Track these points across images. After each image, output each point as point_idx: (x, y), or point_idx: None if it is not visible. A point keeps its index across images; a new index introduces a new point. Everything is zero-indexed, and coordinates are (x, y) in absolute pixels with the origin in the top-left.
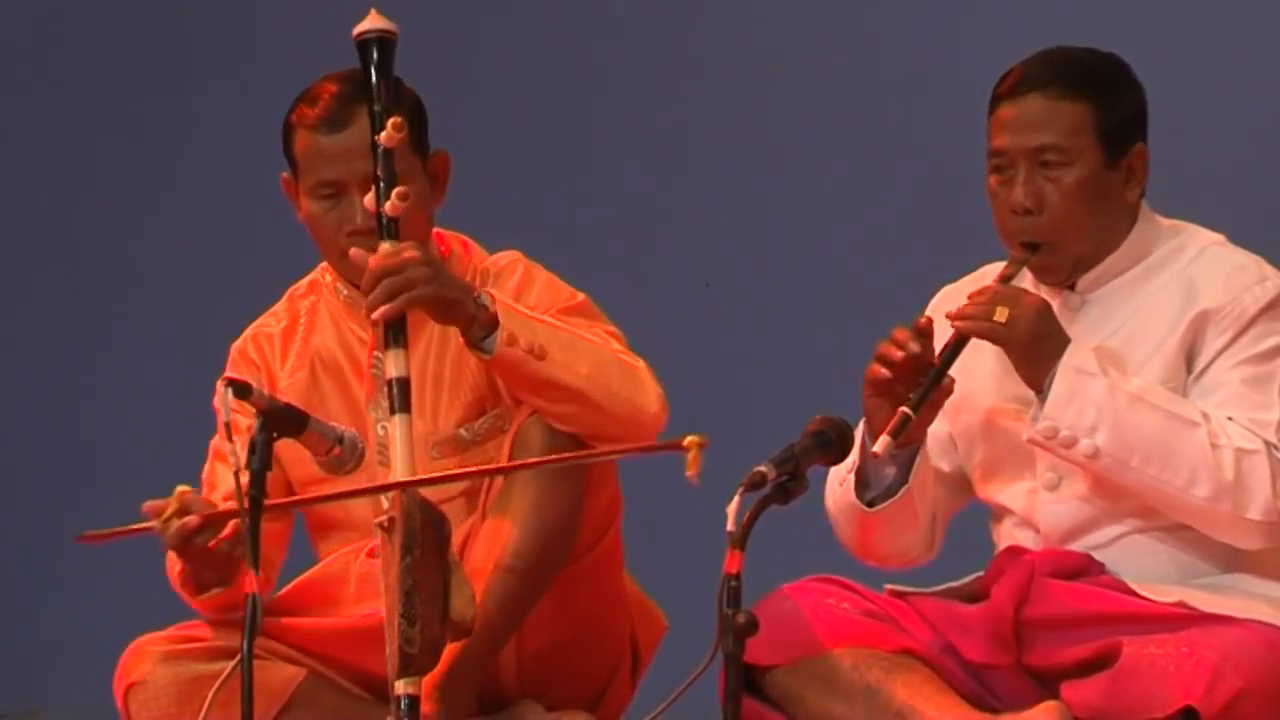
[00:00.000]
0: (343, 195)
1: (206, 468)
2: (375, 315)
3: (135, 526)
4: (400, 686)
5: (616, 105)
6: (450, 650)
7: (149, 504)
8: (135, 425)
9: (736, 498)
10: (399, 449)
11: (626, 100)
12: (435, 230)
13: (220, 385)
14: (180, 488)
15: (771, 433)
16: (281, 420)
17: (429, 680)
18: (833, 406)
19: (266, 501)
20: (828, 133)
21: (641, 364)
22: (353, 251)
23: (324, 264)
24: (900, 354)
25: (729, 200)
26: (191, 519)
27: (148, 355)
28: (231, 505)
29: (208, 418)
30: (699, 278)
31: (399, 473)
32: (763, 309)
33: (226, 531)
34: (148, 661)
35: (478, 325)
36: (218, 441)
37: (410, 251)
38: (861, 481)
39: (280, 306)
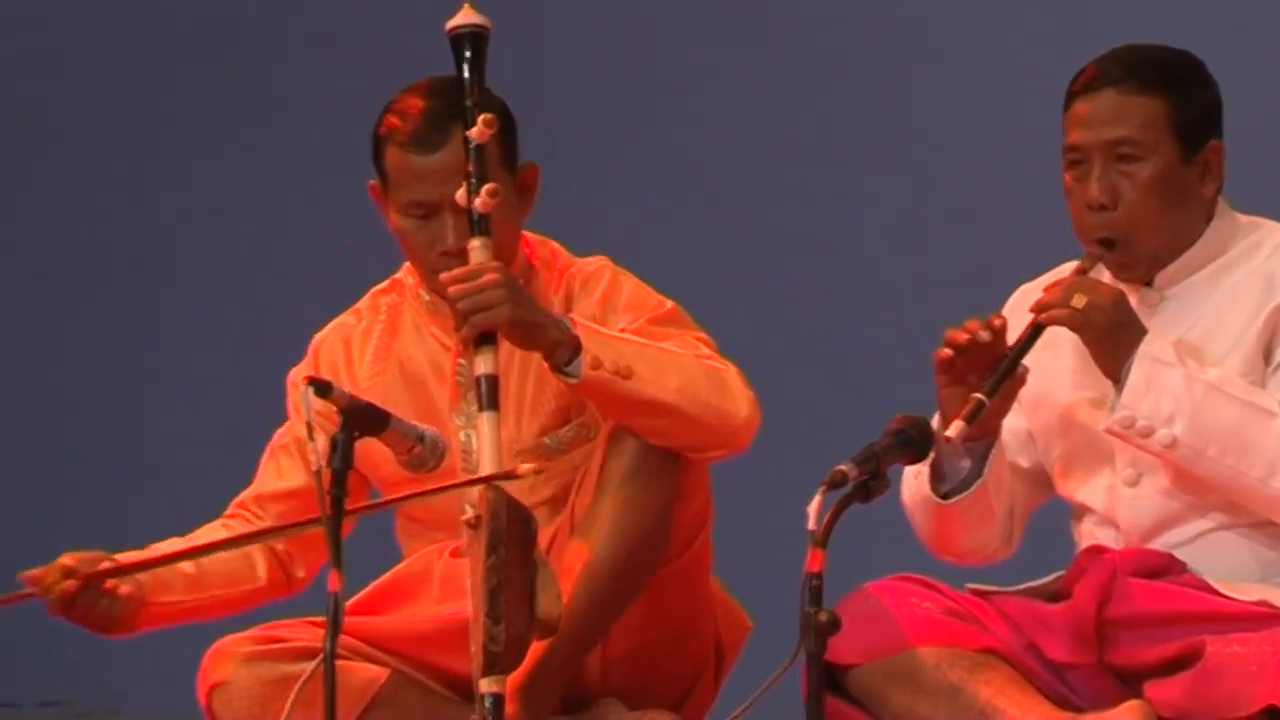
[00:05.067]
0: (434, 215)
1: (263, 459)
2: (461, 337)
3: (16, 595)
4: (485, 685)
5: (699, 106)
6: (536, 650)
7: (26, 574)
8: (212, 423)
9: (818, 497)
10: (486, 445)
11: (709, 100)
12: (524, 236)
13: (302, 383)
14: (64, 558)
15: (852, 432)
16: (362, 419)
17: (513, 680)
18: (913, 406)
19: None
20: (907, 131)
21: (731, 369)
22: (442, 276)
23: (407, 264)
24: (965, 337)
25: (814, 200)
26: (69, 584)
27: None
28: (111, 560)
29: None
30: (782, 277)
31: (486, 469)
32: (846, 308)
33: (108, 587)
34: (231, 662)
35: (561, 350)
36: (279, 437)
37: (490, 274)
38: (937, 475)
39: (362, 304)
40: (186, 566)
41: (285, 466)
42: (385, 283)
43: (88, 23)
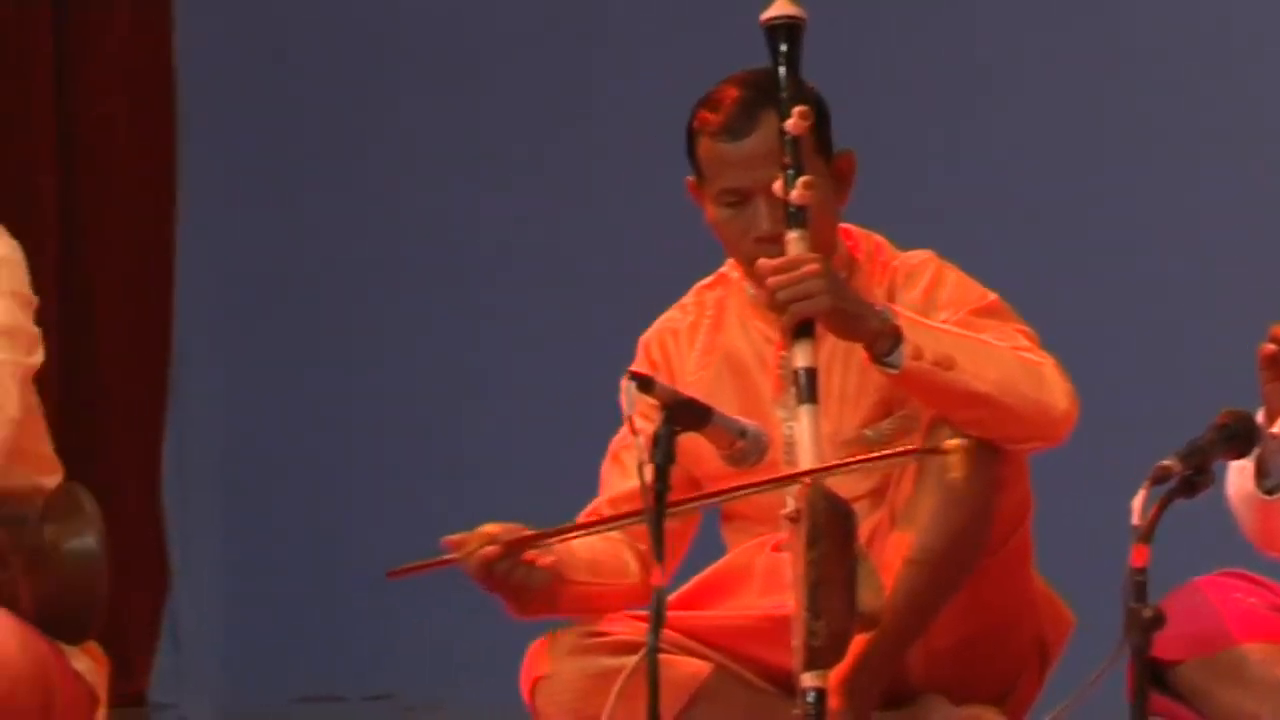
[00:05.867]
0: (747, 202)
1: (604, 465)
2: (783, 328)
3: (440, 560)
4: (807, 680)
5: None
6: (858, 644)
7: (449, 538)
8: (542, 425)
9: (1142, 492)
10: (806, 439)
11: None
12: (846, 228)
13: (624, 379)
14: (487, 526)
15: (1177, 426)
16: (684, 414)
17: (836, 674)
18: (1238, 400)
19: (670, 499)
20: (1235, 123)
21: (1049, 361)
22: (760, 263)
23: (732, 259)
24: None
25: (1136, 192)
26: (490, 549)
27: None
28: (534, 531)
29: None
30: (1103, 269)
31: (806, 463)
32: (1170, 302)
33: (530, 559)
34: (554, 656)
35: (882, 340)
36: (618, 439)
37: (810, 265)
38: (1262, 470)
39: (688, 300)
40: (584, 553)
41: (630, 466)
42: (710, 278)
43: (407, 23)
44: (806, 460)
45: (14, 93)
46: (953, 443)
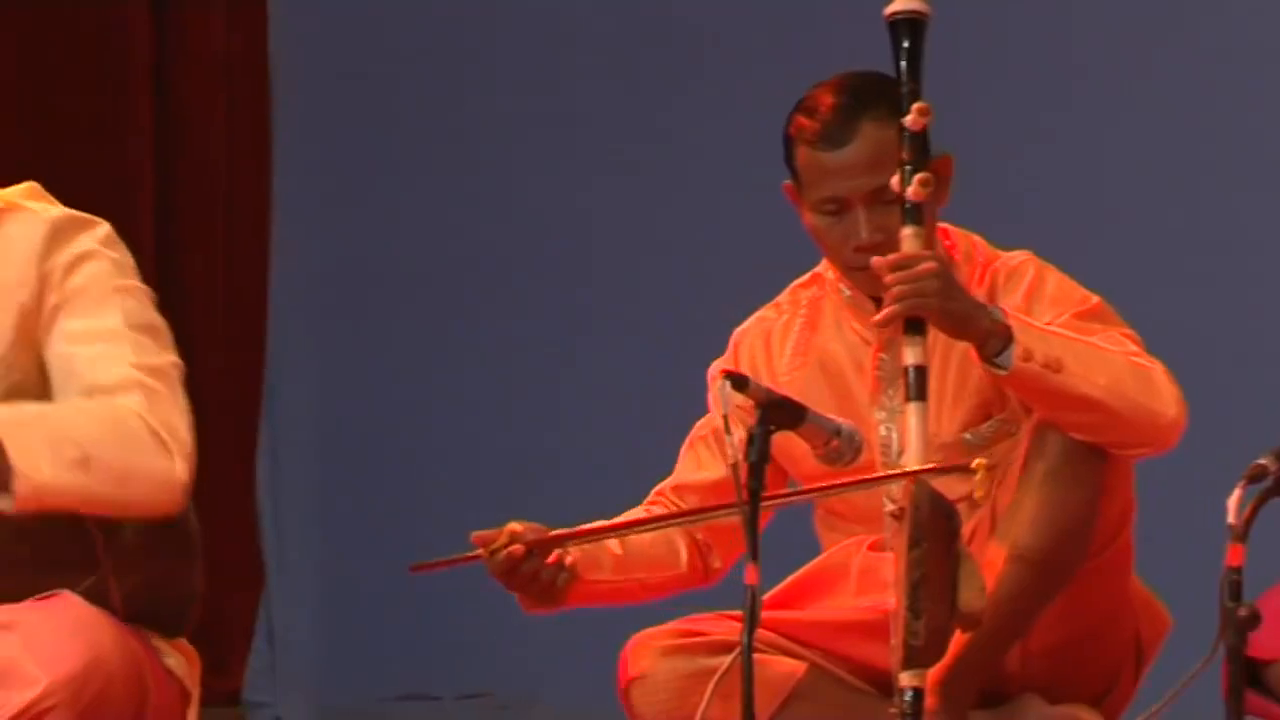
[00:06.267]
0: (846, 211)
1: (682, 449)
2: (878, 318)
3: (464, 556)
4: (905, 679)
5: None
6: (957, 643)
7: (477, 534)
8: (630, 415)
9: (1237, 491)
10: (913, 436)
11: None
12: (943, 227)
13: (719, 377)
14: (512, 524)
15: (1271, 425)
16: (779, 413)
17: (934, 673)
18: None
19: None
20: None
21: (1158, 367)
22: (875, 261)
23: (827, 259)
24: None
25: (1234, 191)
26: (517, 548)
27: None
28: (559, 531)
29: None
30: (1203, 272)
31: (912, 460)
32: (1261, 303)
33: (550, 559)
34: (649, 656)
35: (993, 340)
36: (699, 428)
37: (926, 264)
38: None
39: (783, 298)
40: (614, 547)
41: (704, 458)
42: (806, 276)
43: (502, 21)
44: (913, 458)
45: (112, 97)
46: (979, 462)
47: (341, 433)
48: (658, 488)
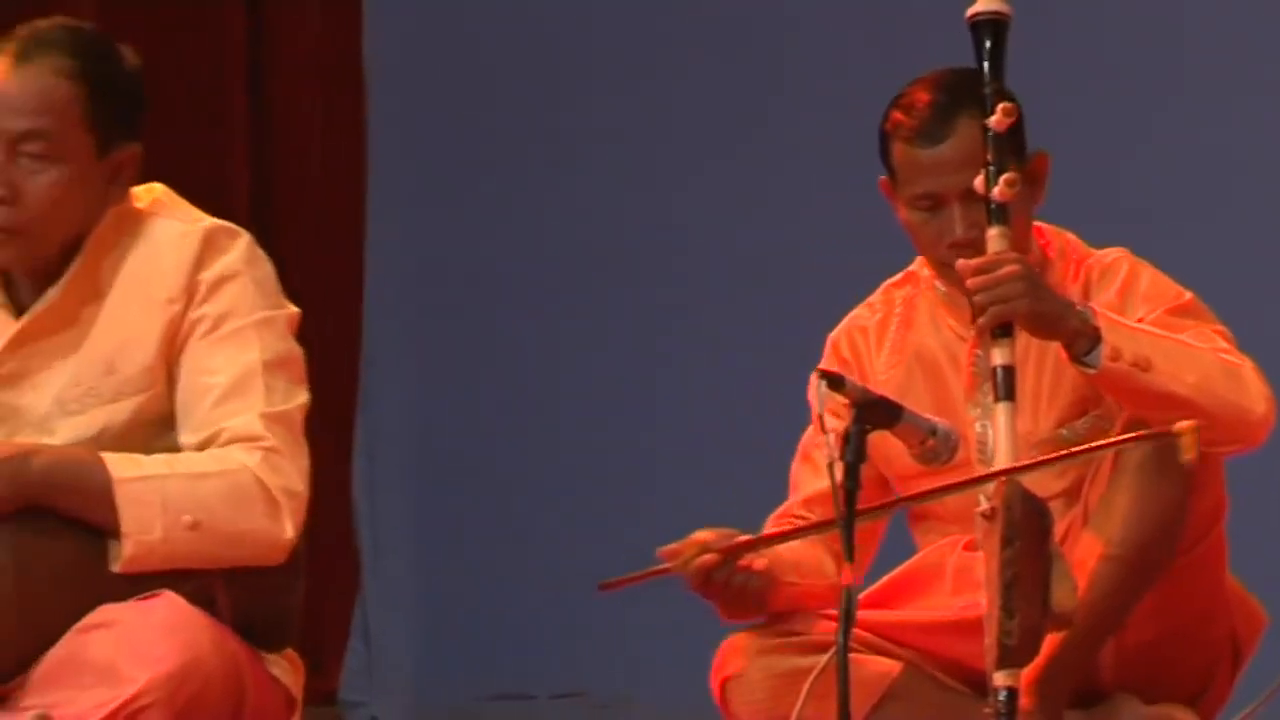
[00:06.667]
0: (942, 207)
1: (795, 464)
2: (977, 326)
3: (653, 570)
4: (999, 679)
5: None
6: (1050, 643)
7: (665, 549)
8: (728, 421)
9: None
10: (1002, 437)
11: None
12: (1038, 226)
13: (814, 377)
14: (699, 533)
15: None
16: (875, 412)
17: (1028, 673)
18: None
19: (860, 497)
20: None
21: (1247, 364)
22: (959, 264)
23: (921, 257)
24: None
25: None
26: (709, 557)
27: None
28: (747, 536)
29: (794, 415)
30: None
31: (1002, 461)
32: None
33: (746, 564)
34: (744, 655)
35: (1081, 339)
36: (808, 438)
37: (1010, 266)
38: None
39: (876, 298)
40: (786, 553)
41: (822, 466)
42: (899, 275)
43: (596, 20)
44: (1003, 459)
45: (209, 94)
46: (1184, 424)
47: (437, 434)
48: (782, 507)
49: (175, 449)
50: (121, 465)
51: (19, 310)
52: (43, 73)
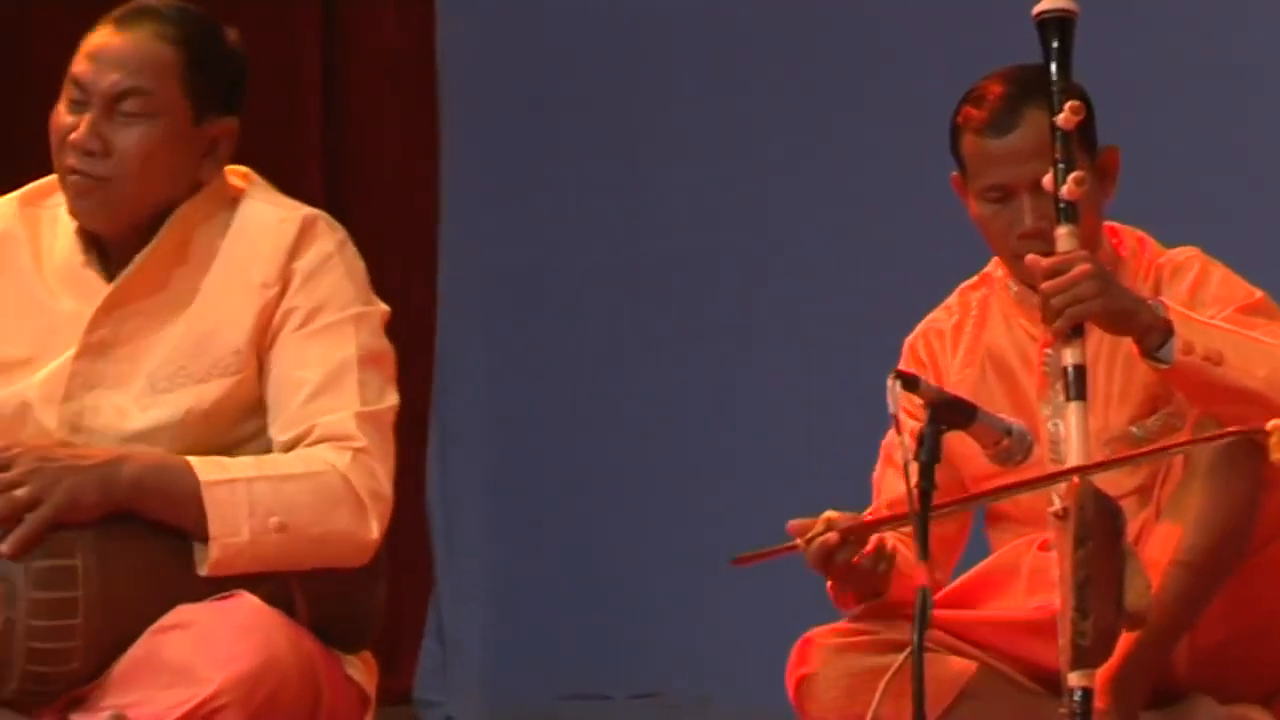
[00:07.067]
0: (1011, 198)
1: (877, 469)
2: (1052, 328)
3: (783, 547)
4: (1073, 679)
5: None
6: (1124, 643)
7: (793, 523)
8: (805, 422)
9: None
10: (1074, 436)
11: None
12: (1111, 225)
13: (890, 379)
14: (829, 512)
15: None
16: (949, 412)
17: (1103, 673)
18: None
19: (936, 499)
20: None
21: None
22: (1029, 259)
23: (995, 259)
24: None
25: None
26: (831, 535)
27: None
28: (882, 514)
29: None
30: None
31: (1074, 460)
32: None
33: (868, 547)
34: (819, 654)
35: (1153, 334)
36: (889, 441)
37: (1081, 265)
38: None
39: (952, 300)
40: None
41: (891, 475)
42: (974, 278)
43: (673, 19)
44: (1075, 458)
45: (282, 95)
46: (1276, 423)
47: (511, 433)
48: (868, 511)
49: (258, 434)
50: (208, 468)
51: (110, 278)
52: (144, 35)
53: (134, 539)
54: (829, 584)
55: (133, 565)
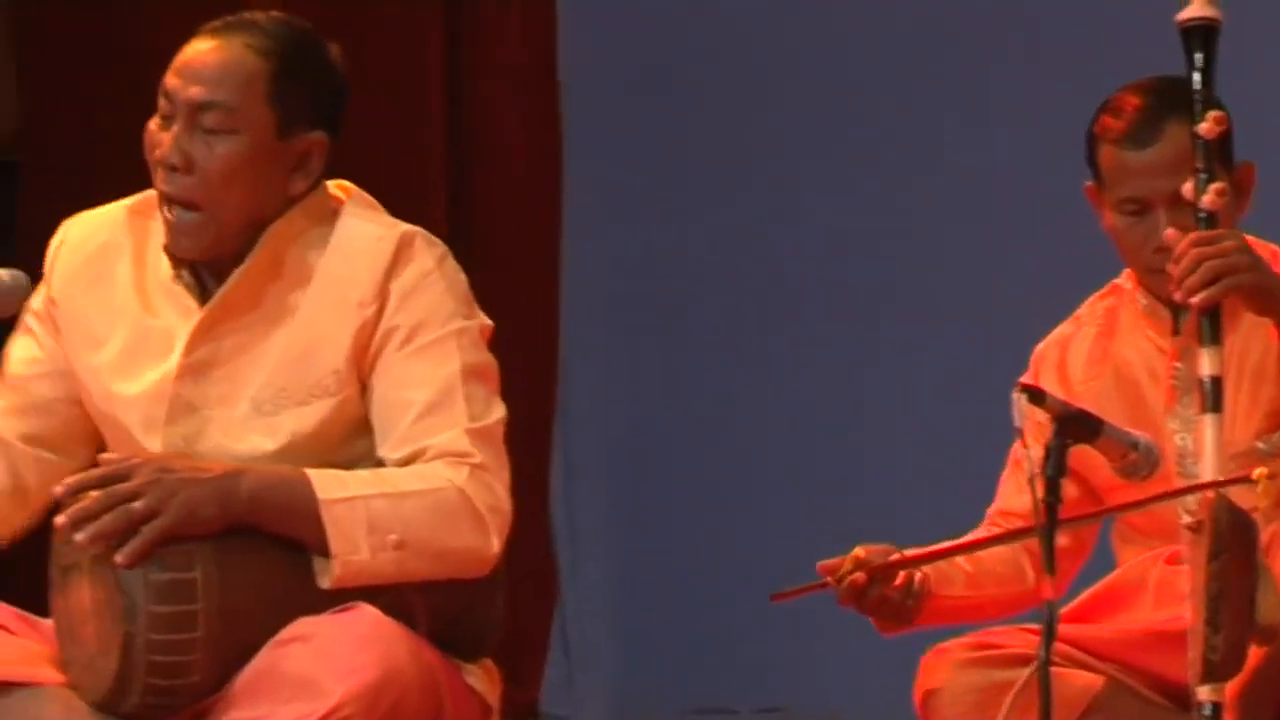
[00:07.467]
0: (1148, 212)
1: (1004, 473)
2: (1194, 300)
3: (815, 585)
4: (1203, 693)
5: None
6: (1255, 657)
7: (823, 564)
8: (928, 433)
9: None
10: (1208, 449)
11: None
12: (1246, 239)
13: (1015, 392)
14: (858, 550)
15: None
16: (1076, 426)
17: (1232, 688)
18: None
19: (1062, 512)
20: None
21: None
22: (1169, 234)
23: (1127, 270)
24: None
25: None
26: (858, 576)
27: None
28: (940, 546)
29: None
30: None
31: (1208, 474)
32: None
33: (898, 581)
34: (946, 668)
35: None
36: (1017, 448)
37: (1230, 240)
38: None
39: (1082, 311)
40: (965, 564)
41: (1023, 482)
42: (1104, 289)
43: (792, 29)
44: (1209, 471)
45: (407, 106)
46: (1260, 472)
47: (635, 444)
48: (990, 512)
49: (366, 454)
50: (328, 485)
51: (202, 294)
52: (232, 46)
53: (253, 551)
54: None
55: (252, 578)
